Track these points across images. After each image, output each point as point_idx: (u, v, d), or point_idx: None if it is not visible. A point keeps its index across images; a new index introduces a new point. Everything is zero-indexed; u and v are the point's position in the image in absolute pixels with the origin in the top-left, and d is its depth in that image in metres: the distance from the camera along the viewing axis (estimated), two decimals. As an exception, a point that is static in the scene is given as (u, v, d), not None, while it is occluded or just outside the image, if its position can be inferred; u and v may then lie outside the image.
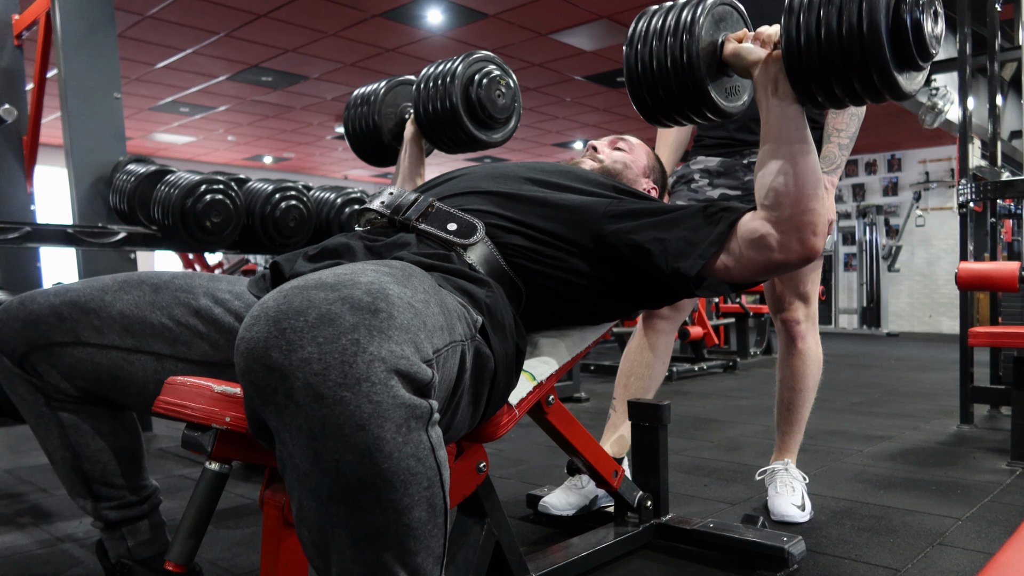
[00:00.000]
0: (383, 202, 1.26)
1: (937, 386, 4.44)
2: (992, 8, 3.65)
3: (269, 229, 2.60)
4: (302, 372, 0.69)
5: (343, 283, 0.75)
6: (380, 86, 1.82)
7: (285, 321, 0.71)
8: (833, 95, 1.07)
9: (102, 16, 2.96)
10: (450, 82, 1.63)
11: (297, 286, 0.75)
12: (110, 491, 1.18)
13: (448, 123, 1.66)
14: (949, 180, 9.69)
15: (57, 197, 3.29)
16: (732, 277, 1.18)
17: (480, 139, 1.69)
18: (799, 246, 1.12)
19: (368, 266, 0.85)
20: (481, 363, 0.97)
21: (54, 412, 1.13)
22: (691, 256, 1.16)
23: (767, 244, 1.13)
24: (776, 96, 1.11)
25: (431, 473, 0.76)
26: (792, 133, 1.11)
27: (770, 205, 1.13)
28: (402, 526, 0.75)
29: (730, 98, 1.20)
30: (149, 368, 1.11)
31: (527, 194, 1.27)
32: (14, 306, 1.10)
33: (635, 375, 1.97)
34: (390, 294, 0.77)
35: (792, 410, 1.98)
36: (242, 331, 0.73)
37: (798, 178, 1.10)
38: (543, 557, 1.48)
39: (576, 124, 8.82)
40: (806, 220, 1.11)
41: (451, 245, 1.19)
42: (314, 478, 0.72)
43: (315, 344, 0.70)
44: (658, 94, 1.17)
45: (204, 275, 1.20)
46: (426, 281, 0.90)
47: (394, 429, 0.71)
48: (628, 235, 1.20)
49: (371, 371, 0.70)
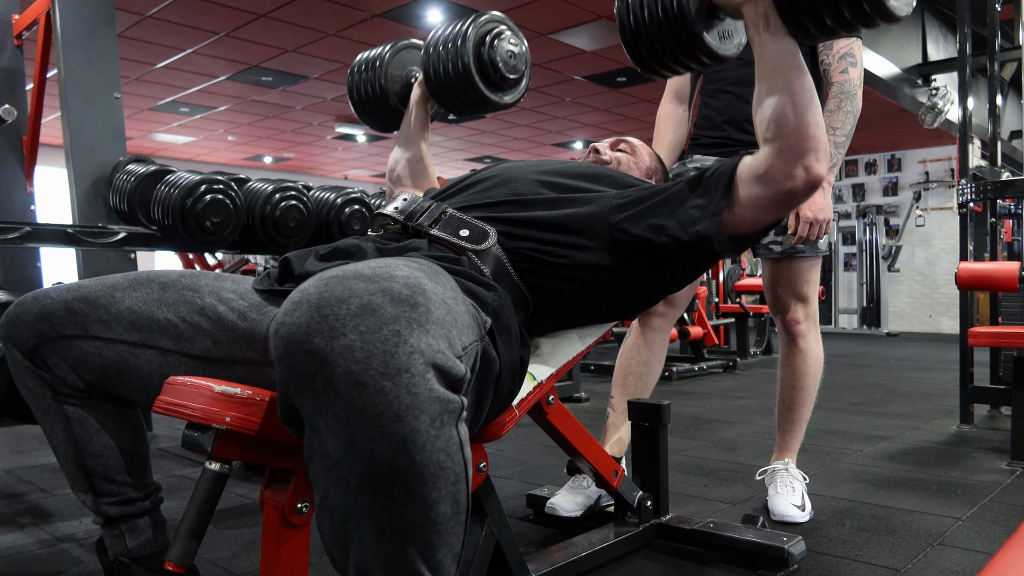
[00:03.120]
0: (396, 207, 1.27)
1: (937, 386, 4.44)
2: (992, 8, 3.65)
3: (269, 229, 2.60)
4: (344, 359, 0.70)
5: (381, 275, 0.76)
6: (385, 50, 1.79)
7: (328, 308, 0.71)
8: (824, 25, 1.09)
9: (102, 16, 2.96)
10: (461, 44, 1.59)
11: (336, 275, 0.76)
12: (111, 487, 1.19)
13: (460, 85, 1.63)
14: (949, 180, 9.69)
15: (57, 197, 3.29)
16: (747, 224, 1.20)
17: (492, 100, 1.66)
18: (803, 172, 1.13)
19: (399, 261, 0.86)
20: (487, 365, 0.98)
21: (60, 405, 1.15)
22: (706, 217, 1.18)
23: (772, 176, 1.15)
24: (768, 31, 1.13)
25: (459, 469, 0.77)
26: (787, 63, 1.13)
27: (771, 137, 1.15)
28: (428, 520, 0.75)
29: (723, 41, 1.20)
30: (154, 363, 1.12)
31: (538, 199, 1.29)
32: (28, 300, 1.13)
33: (632, 373, 1.97)
34: (427, 289, 0.78)
35: (793, 409, 1.98)
36: (281, 316, 0.73)
37: (796, 106, 1.12)
38: (543, 557, 1.48)
39: (576, 124, 8.82)
40: (808, 146, 1.12)
41: (462, 250, 1.20)
42: (345, 467, 0.72)
43: (357, 332, 0.70)
44: (652, 44, 1.18)
45: (210, 274, 1.22)
46: (451, 279, 0.92)
47: (428, 422, 0.72)
48: (642, 219, 1.23)
49: (411, 363, 0.71)
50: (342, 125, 8.77)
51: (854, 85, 1.84)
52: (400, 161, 1.75)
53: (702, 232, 1.18)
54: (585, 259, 1.24)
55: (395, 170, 1.76)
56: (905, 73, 6.01)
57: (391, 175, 1.77)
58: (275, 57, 6.35)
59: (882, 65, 5.63)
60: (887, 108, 7.57)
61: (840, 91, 1.84)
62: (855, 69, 1.84)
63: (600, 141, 1.70)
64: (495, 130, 9.12)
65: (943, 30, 6.52)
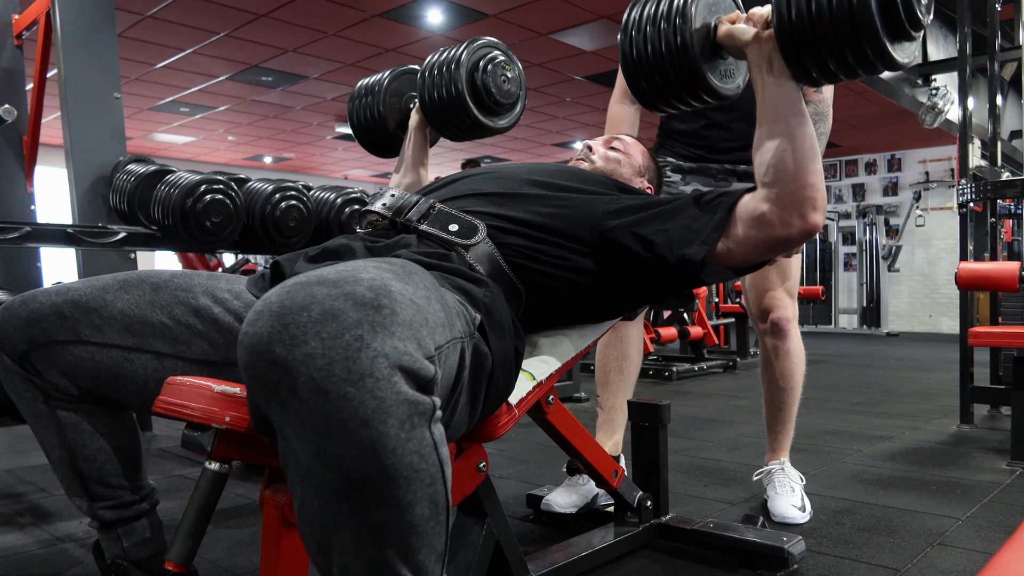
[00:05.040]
0: (384, 204, 1.26)
1: (937, 386, 4.44)
2: (992, 8, 3.65)
3: (269, 229, 2.60)
4: (306, 367, 0.69)
5: (345, 279, 0.75)
6: (384, 76, 1.81)
7: (288, 316, 0.71)
8: (827, 69, 1.09)
9: (102, 16, 2.96)
10: (455, 69, 1.61)
11: (299, 282, 0.75)
12: (106, 491, 1.18)
13: (454, 110, 1.64)
14: (949, 180, 9.69)
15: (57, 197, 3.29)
16: (735, 259, 1.19)
17: (486, 125, 1.67)
18: (800, 221, 1.13)
19: (369, 263, 0.85)
20: (479, 361, 0.97)
21: (52, 410, 1.13)
22: (695, 242, 1.17)
23: (768, 221, 1.14)
24: (771, 74, 1.12)
25: (434, 470, 0.76)
26: (789, 108, 1.12)
27: (770, 182, 1.14)
28: (405, 523, 0.75)
29: (726, 80, 1.21)
30: (149, 367, 1.11)
31: (528, 194, 1.28)
32: (16, 304, 1.10)
33: (613, 369, 1.97)
34: (392, 290, 0.77)
35: (784, 409, 1.98)
36: (245, 326, 0.73)
37: (796, 153, 1.12)
38: (543, 557, 1.48)
39: (576, 124, 8.82)
40: (806, 195, 1.12)
41: (452, 245, 1.19)
42: (317, 474, 0.72)
43: (319, 339, 0.70)
44: (654, 80, 1.18)
45: (203, 274, 1.20)
46: (426, 278, 0.91)
47: (397, 425, 0.71)
48: (631, 228, 1.21)
49: (375, 367, 0.70)
50: (342, 125, 8.77)
51: (827, 105, 1.86)
52: (401, 186, 1.74)
53: (688, 256, 1.17)
54: (573, 260, 1.24)
55: None
56: (905, 73, 6.01)
57: None
58: (275, 57, 6.35)
59: (882, 65, 5.62)
60: (887, 108, 7.57)
61: (815, 111, 1.85)
62: (829, 88, 1.86)
63: (594, 139, 1.69)
64: (495, 130, 9.11)
65: (943, 30, 6.52)
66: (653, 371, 4.92)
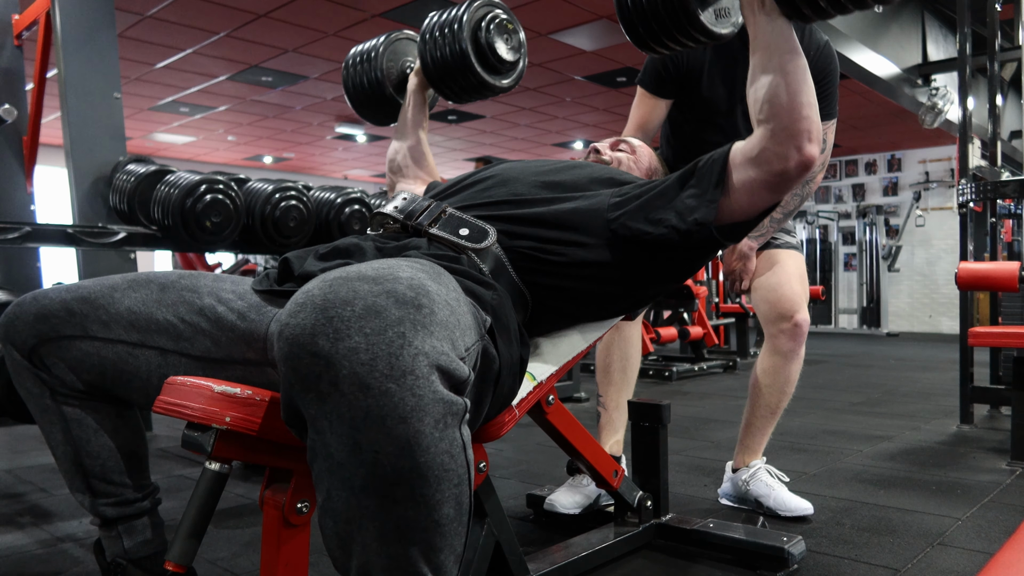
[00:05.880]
0: (396, 207, 1.27)
1: (937, 386, 4.44)
2: (992, 8, 3.65)
3: (269, 229, 2.60)
4: (349, 361, 0.70)
5: (385, 277, 0.76)
6: (379, 42, 1.80)
7: (332, 310, 0.71)
8: (818, 5, 1.09)
9: (102, 16, 2.96)
10: (458, 28, 1.60)
11: (340, 276, 0.76)
12: (108, 487, 1.19)
13: (458, 70, 1.63)
14: (949, 180, 9.69)
15: (57, 197, 3.29)
16: (743, 209, 1.21)
17: (490, 84, 1.66)
18: (796, 153, 1.14)
19: (402, 262, 0.86)
20: (487, 364, 0.98)
21: (58, 406, 1.15)
22: (702, 206, 1.19)
23: (765, 158, 1.16)
24: (763, 12, 1.13)
25: (462, 471, 0.77)
26: (781, 44, 1.13)
27: (765, 118, 1.15)
28: (431, 522, 0.75)
29: (720, 20, 1.22)
30: (153, 363, 1.13)
31: (538, 198, 1.29)
32: (27, 301, 1.13)
33: (615, 368, 1.97)
34: (430, 290, 0.78)
35: (777, 412, 1.95)
36: (286, 317, 0.73)
37: (790, 86, 1.13)
38: (543, 557, 1.48)
39: (576, 124, 8.82)
40: (800, 127, 1.13)
41: (462, 249, 1.20)
42: (349, 468, 0.72)
43: (362, 334, 0.70)
44: (650, 24, 1.21)
45: (209, 275, 1.22)
46: (453, 280, 0.92)
47: (432, 424, 0.72)
48: (640, 213, 1.23)
49: (416, 365, 0.71)
50: (342, 125, 8.77)
51: (814, 172, 1.87)
52: (400, 151, 1.75)
53: (700, 219, 1.19)
54: (585, 256, 1.24)
55: (395, 160, 1.76)
56: (905, 73, 6.00)
57: (391, 165, 1.77)
58: (275, 57, 6.35)
59: (882, 65, 5.63)
60: (887, 108, 7.57)
61: None
62: (821, 155, 1.85)
63: (600, 141, 1.69)
64: (495, 130, 9.12)
65: (943, 30, 6.52)
66: (653, 371, 4.92)
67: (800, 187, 1.87)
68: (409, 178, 1.74)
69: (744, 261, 1.93)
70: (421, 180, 1.73)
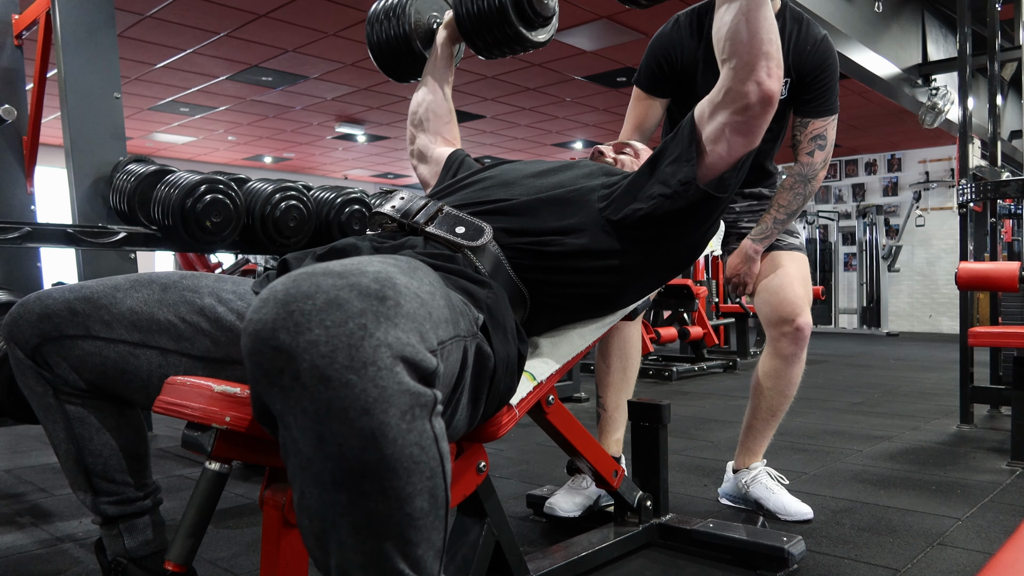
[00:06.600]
0: (394, 206, 1.28)
1: (937, 386, 4.44)
2: (992, 8, 3.65)
3: (269, 229, 2.60)
4: (309, 354, 0.69)
5: (351, 271, 0.76)
6: None
7: (293, 304, 0.71)
8: None
9: (102, 16, 2.96)
10: None
11: (305, 272, 0.76)
12: (110, 486, 1.19)
13: (494, 21, 1.63)
14: (949, 180, 9.69)
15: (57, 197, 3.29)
16: (721, 159, 1.22)
17: (525, 36, 1.66)
18: (756, 87, 1.16)
19: (375, 258, 0.86)
20: (482, 361, 0.97)
21: (61, 404, 1.15)
22: (682, 166, 1.23)
23: (730, 97, 1.19)
24: None
25: (434, 463, 0.76)
26: None
27: (727, 55, 1.19)
28: (404, 515, 0.75)
29: None
30: (154, 363, 1.13)
31: (535, 199, 1.29)
32: (31, 301, 1.14)
33: (615, 369, 1.97)
34: (397, 283, 0.77)
35: (778, 414, 1.95)
36: (250, 313, 0.74)
37: (751, 24, 1.16)
38: (543, 557, 1.48)
39: (576, 124, 8.82)
40: (760, 62, 1.16)
41: (458, 247, 1.20)
42: (317, 463, 0.72)
43: (323, 327, 0.70)
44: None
45: (210, 276, 1.22)
46: (431, 275, 0.92)
47: (398, 415, 0.72)
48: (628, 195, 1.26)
49: (377, 356, 0.71)
50: (342, 125, 8.77)
51: (816, 169, 1.87)
52: (423, 103, 1.75)
53: (683, 179, 1.22)
54: (584, 244, 1.25)
55: (417, 113, 1.76)
56: (905, 73, 6.01)
57: (413, 118, 1.77)
58: (275, 57, 6.35)
59: (882, 65, 5.63)
60: (887, 108, 7.57)
61: (800, 172, 1.87)
62: (822, 152, 1.87)
63: (603, 144, 1.70)
64: (495, 130, 9.12)
65: (943, 30, 6.52)
66: (653, 371, 4.92)
67: (803, 186, 1.86)
68: (430, 132, 1.74)
69: (749, 264, 1.92)
70: (443, 139, 1.73)
